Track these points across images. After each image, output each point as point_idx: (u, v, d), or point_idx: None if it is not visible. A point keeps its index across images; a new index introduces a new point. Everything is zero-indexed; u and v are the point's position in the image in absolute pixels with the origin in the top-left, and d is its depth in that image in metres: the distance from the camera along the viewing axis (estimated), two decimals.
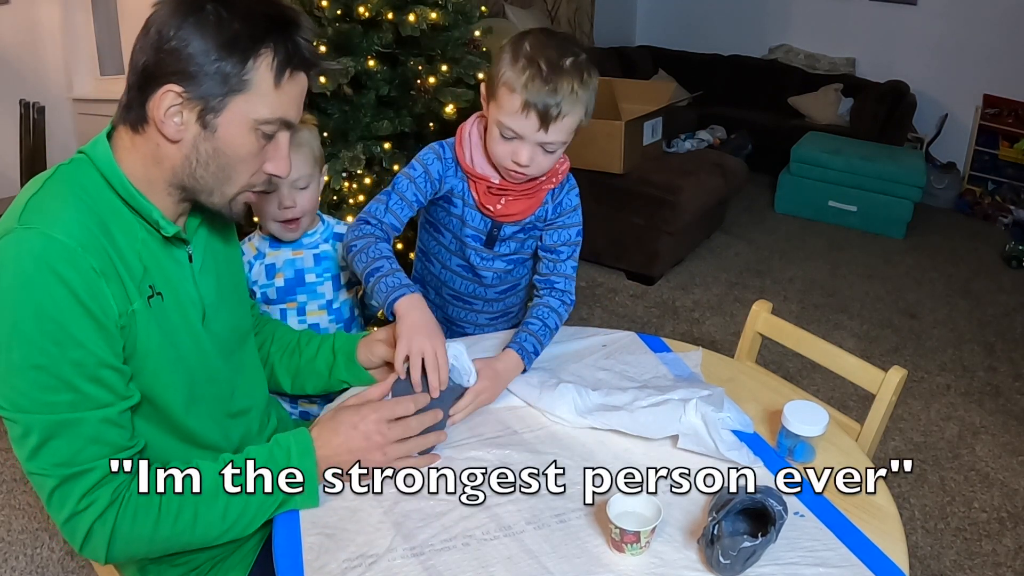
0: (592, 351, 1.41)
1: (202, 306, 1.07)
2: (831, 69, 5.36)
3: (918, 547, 2.08)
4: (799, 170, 4.48)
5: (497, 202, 1.36)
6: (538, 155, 1.26)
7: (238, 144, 0.95)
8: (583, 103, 1.22)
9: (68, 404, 0.88)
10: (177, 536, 0.96)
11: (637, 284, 3.56)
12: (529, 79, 1.18)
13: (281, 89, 0.94)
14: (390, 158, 2.17)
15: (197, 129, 0.93)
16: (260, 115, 0.94)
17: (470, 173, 1.35)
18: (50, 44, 3.82)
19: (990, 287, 3.77)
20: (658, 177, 3.42)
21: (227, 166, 0.96)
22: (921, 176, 4.16)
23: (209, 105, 0.91)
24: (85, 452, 0.90)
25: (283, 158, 1.01)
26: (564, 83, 1.18)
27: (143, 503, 0.94)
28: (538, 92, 1.18)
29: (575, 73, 1.19)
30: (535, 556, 0.94)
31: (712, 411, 1.11)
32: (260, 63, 0.91)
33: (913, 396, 2.79)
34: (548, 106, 1.19)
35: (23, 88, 3.56)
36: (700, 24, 5.99)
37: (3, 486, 2.15)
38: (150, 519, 0.94)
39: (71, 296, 0.86)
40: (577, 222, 1.43)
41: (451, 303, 1.54)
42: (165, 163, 0.95)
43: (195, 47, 0.88)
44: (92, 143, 0.97)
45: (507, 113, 1.22)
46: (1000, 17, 4.76)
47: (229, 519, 0.98)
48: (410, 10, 2.07)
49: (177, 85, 0.89)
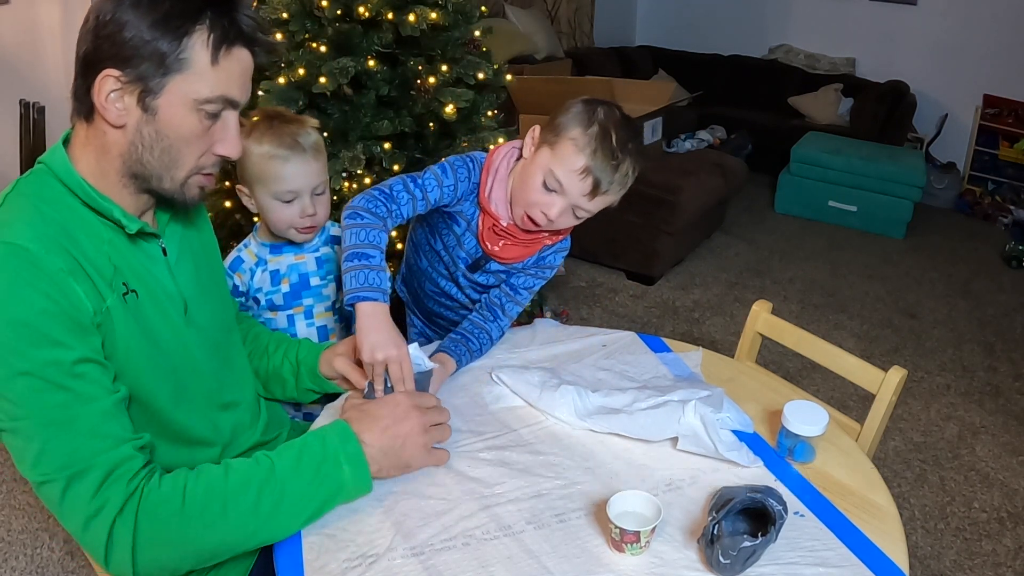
0: (592, 351, 1.41)
1: (182, 299, 1.06)
2: (831, 69, 5.36)
3: (918, 547, 2.08)
4: (799, 170, 4.48)
5: (497, 243, 1.39)
6: (568, 216, 1.30)
7: (180, 125, 0.93)
8: (625, 188, 1.29)
9: (59, 404, 0.87)
10: (208, 532, 0.92)
11: (637, 284, 3.56)
12: (600, 147, 1.23)
13: (219, 66, 0.92)
14: (390, 158, 2.17)
15: (139, 113, 0.92)
16: (200, 94, 0.92)
17: (484, 207, 1.37)
18: (50, 44, 3.82)
19: (990, 287, 3.78)
20: (658, 177, 3.42)
21: (171, 148, 0.95)
22: (921, 176, 4.16)
23: (148, 87, 0.90)
24: (84, 448, 0.88)
25: (233, 139, 0.99)
26: (624, 165, 1.25)
27: (164, 495, 0.91)
28: (603, 163, 1.23)
29: (635, 160, 1.26)
30: (535, 556, 0.94)
31: (711, 412, 1.11)
32: (195, 41, 0.90)
33: (913, 396, 2.79)
34: (604, 179, 1.24)
35: (23, 88, 3.56)
36: (700, 24, 5.99)
37: (3, 486, 2.15)
38: (173, 511, 0.90)
39: (40, 296, 0.85)
40: (548, 277, 1.48)
41: (431, 297, 1.57)
42: (114, 151, 0.94)
43: (129, 29, 0.88)
44: (50, 151, 0.96)
45: (564, 168, 1.24)
46: (1000, 17, 4.76)
47: (263, 511, 0.93)
48: (410, 10, 2.07)
49: (115, 69, 0.89)
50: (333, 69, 2.03)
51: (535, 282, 1.47)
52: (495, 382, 1.30)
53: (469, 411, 1.23)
